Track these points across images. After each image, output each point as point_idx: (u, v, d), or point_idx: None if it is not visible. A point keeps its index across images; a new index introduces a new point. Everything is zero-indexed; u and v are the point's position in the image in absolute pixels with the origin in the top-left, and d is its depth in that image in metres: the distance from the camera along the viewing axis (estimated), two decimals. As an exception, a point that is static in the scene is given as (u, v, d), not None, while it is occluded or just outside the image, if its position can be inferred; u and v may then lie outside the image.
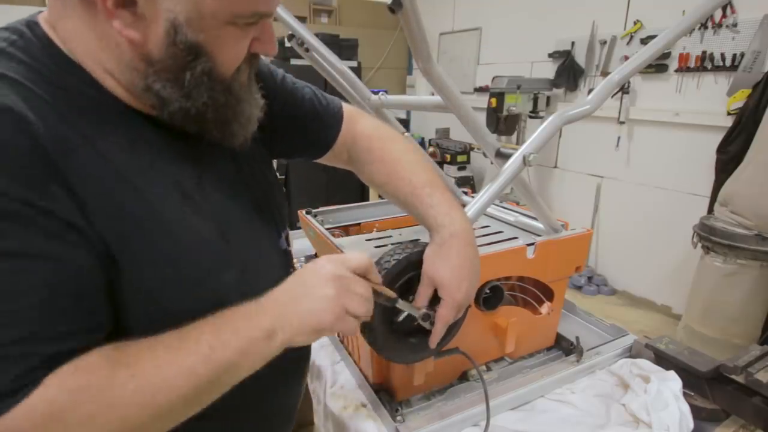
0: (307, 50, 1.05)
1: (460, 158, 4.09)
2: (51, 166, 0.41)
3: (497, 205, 1.16)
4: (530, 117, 3.48)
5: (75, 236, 0.42)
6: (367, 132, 0.77)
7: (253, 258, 0.59)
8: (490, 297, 0.85)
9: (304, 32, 1.03)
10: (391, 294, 0.61)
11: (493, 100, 3.35)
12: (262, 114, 0.57)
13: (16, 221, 0.39)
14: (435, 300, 0.67)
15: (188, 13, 0.44)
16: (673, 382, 0.84)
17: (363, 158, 0.76)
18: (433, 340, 0.67)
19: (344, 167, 0.82)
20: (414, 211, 0.71)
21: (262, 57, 0.59)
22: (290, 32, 1.04)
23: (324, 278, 0.52)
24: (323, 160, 0.80)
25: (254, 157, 0.65)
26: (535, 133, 0.87)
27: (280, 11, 1.02)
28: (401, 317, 0.67)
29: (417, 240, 0.82)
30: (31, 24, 0.47)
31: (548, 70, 3.57)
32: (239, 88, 0.53)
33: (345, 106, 0.80)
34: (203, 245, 0.51)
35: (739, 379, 0.82)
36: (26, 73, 0.43)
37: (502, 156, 0.87)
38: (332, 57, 1.07)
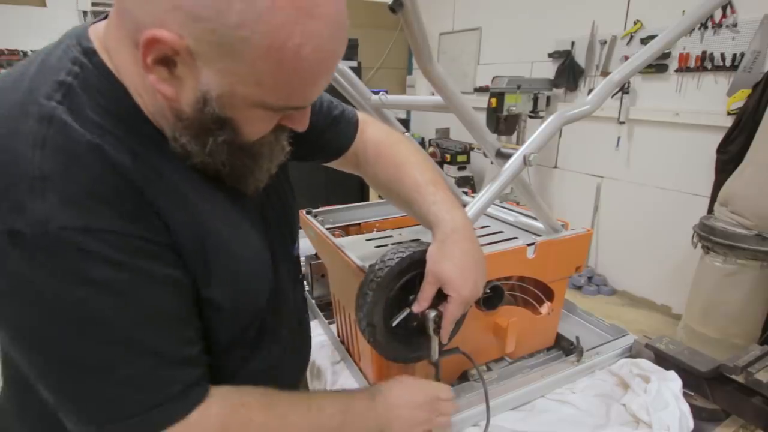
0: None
1: (460, 158, 4.09)
2: (143, 199, 0.45)
3: (497, 205, 1.16)
4: (530, 117, 3.48)
5: (176, 258, 0.48)
6: (377, 137, 0.80)
7: (276, 268, 0.64)
8: (490, 297, 0.85)
9: None
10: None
11: (493, 100, 3.35)
12: (284, 159, 0.59)
13: (141, 255, 0.44)
14: (438, 299, 0.67)
15: (221, 91, 0.44)
16: (673, 382, 0.84)
17: (371, 161, 0.79)
18: (444, 337, 0.67)
19: (351, 171, 0.85)
20: (416, 209, 0.72)
21: None
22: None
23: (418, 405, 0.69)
24: (332, 164, 0.83)
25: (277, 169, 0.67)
26: (535, 133, 0.87)
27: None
28: (401, 317, 0.67)
29: (418, 240, 0.82)
30: (89, 52, 0.47)
31: (548, 70, 3.57)
32: (261, 146, 0.53)
33: (359, 113, 0.82)
34: (256, 262, 0.58)
35: (739, 379, 0.82)
36: (96, 109, 0.45)
37: (503, 156, 0.87)
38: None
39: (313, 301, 1.21)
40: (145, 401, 0.46)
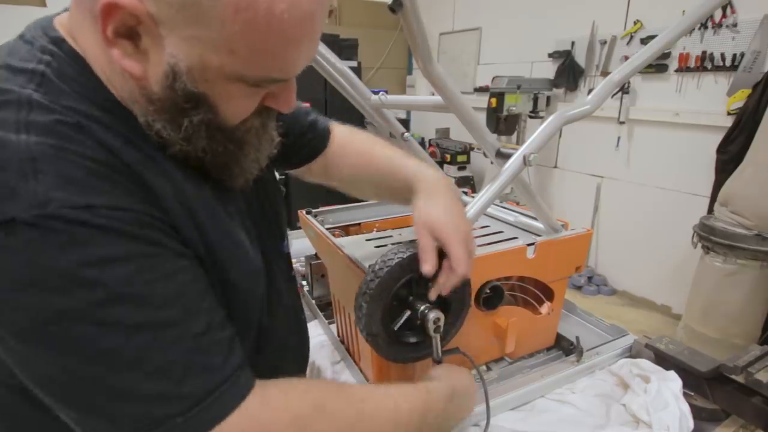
0: (306, 50, 1.05)
1: (460, 158, 4.09)
2: (141, 179, 0.42)
3: (497, 205, 1.16)
4: (530, 117, 3.48)
5: (182, 240, 0.45)
6: (341, 136, 0.82)
7: (268, 267, 0.62)
8: (490, 297, 0.85)
9: None
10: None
11: (493, 100, 3.35)
12: (274, 151, 0.56)
13: (153, 230, 0.41)
14: (439, 303, 0.67)
15: (191, 62, 0.40)
16: (673, 382, 0.84)
17: (337, 159, 0.81)
18: (446, 288, 0.63)
19: (316, 179, 0.87)
20: (392, 179, 0.75)
21: None
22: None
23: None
24: (299, 172, 0.85)
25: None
26: (535, 133, 0.87)
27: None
28: (401, 322, 0.67)
29: (412, 241, 0.82)
30: (57, 41, 0.44)
31: (548, 70, 3.57)
32: (244, 133, 0.49)
33: (330, 123, 0.84)
34: (248, 261, 0.54)
35: (739, 379, 0.82)
36: (75, 97, 0.42)
37: (502, 156, 0.87)
38: (332, 57, 1.07)
39: (313, 301, 1.21)
40: (193, 392, 0.40)
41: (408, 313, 0.67)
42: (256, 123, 0.50)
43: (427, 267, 0.61)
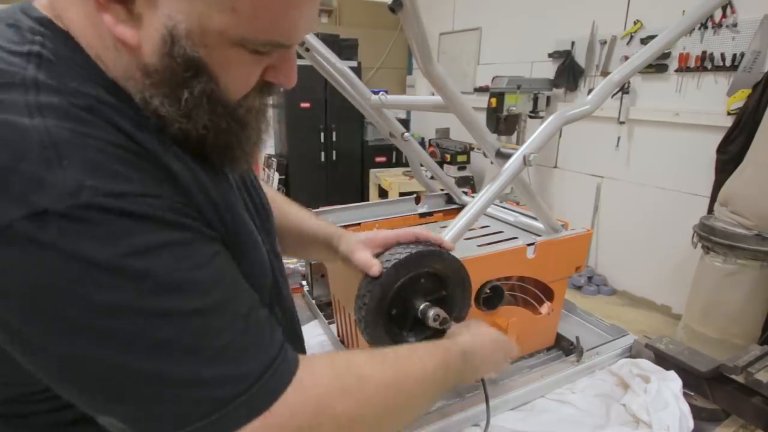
0: (307, 50, 1.05)
1: (460, 158, 4.09)
2: (162, 164, 0.40)
3: (497, 205, 1.16)
4: (530, 117, 3.48)
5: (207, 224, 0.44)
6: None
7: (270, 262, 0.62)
8: (490, 297, 0.85)
9: None
10: None
11: (493, 100, 3.35)
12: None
13: (186, 216, 0.40)
14: (442, 301, 0.68)
15: (190, 25, 0.38)
16: (673, 382, 0.84)
17: None
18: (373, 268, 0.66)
19: None
20: (312, 230, 0.79)
21: None
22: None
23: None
24: None
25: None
26: (535, 133, 0.87)
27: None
28: (405, 319, 0.68)
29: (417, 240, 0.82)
30: (44, 21, 0.40)
31: (548, 70, 3.57)
32: (246, 113, 0.47)
33: None
34: (258, 247, 0.54)
35: (739, 379, 0.82)
36: (78, 78, 0.39)
37: (502, 156, 0.87)
38: (332, 57, 1.07)
39: (313, 301, 1.21)
40: (252, 371, 0.40)
41: (408, 311, 0.67)
42: (256, 103, 0.48)
43: (375, 269, 0.65)
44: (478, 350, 0.66)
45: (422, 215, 1.26)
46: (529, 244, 0.89)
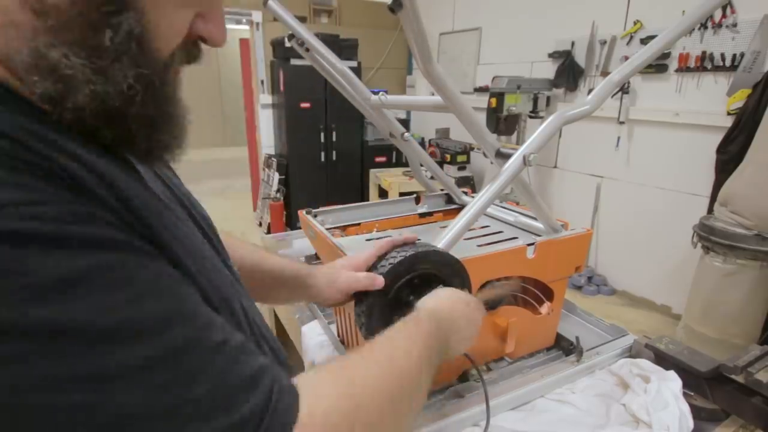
0: (307, 50, 1.05)
1: (460, 158, 4.09)
2: (58, 167, 0.30)
3: (497, 205, 1.16)
4: (530, 117, 3.48)
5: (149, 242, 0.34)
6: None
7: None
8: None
9: (304, 32, 1.03)
10: None
11: (493, 100, 3.35)
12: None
13: (98, 224, 0.29)
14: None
15: None
16: (673, 382, 0.84)
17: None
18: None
19: None
20: (289, 270, 0.73)
21: None
22: (290, 32, 1.04)
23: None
24: None
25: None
26: (535, 133, 0.87)
27: (280, 11, 1.02)
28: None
29: (418, 240, 0.82)
30: None
31: (548, 70, 3.57)
32: (176, 85, 0.37)
33: None
34: (216, 262, 0.46)
35: (739, 379, 0.82)
36: None
37: (502, 156, 0.87)
38: (332, 57, 1.07)
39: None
40: (253, 409, 0.32)
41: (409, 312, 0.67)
42: (179, 72, 0.38)
43: (379, 281, 0.64)
44: (447, 316, 0.61)
45: (422, 215, 1.26)
46: (529, 244, 0.89)
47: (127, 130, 0.34)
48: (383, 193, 4.35)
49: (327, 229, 1.00)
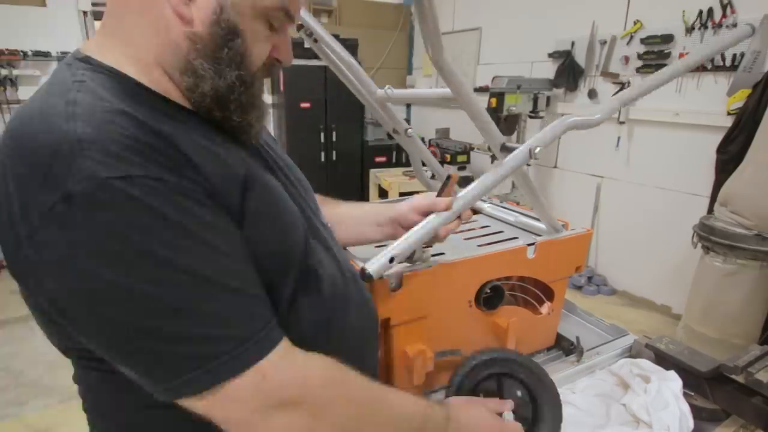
0: (315, 41, 1.05)
1: (460, 158, 4.09)
2: (179, 151, 0.46)
3: (497, 205, 1.16)
4: (530, 117, 3.48)
5: (219, 206, 0.48)
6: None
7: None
8: (490, 297, 0.85)
9: (312, 22, 1.03)
10: None
11: (493, 100, 3.35)
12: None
13: (188, 200, 0.45)
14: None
15: None
16: (673, 382, 0.84)
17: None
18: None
19: None
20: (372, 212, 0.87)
21: None
22: (299, 22, 1.04)
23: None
24: None
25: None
26: (542, 131, 0.86)
27: None
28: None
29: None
30: (87, 59, 0.51)
31: (548, 70, 3.57)
32: (259, 87, 0.57)
33: None
34: (296, 214, 0.58)
35: (739, 379, 0.82)
36: (113, 92, 0.48)
37: (507, 150, 0.87)
38: (339, 48, 1.07)
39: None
40: (234, 335, 0.46)
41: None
42: (261, 75, 0.57)
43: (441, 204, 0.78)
44: (464, 418, 0.65)
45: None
46: (529, 244, 0.89)
47: (228, 111, 0.54)
48: (383, 193, 4.35)
49: (327, 228, 1.00)
